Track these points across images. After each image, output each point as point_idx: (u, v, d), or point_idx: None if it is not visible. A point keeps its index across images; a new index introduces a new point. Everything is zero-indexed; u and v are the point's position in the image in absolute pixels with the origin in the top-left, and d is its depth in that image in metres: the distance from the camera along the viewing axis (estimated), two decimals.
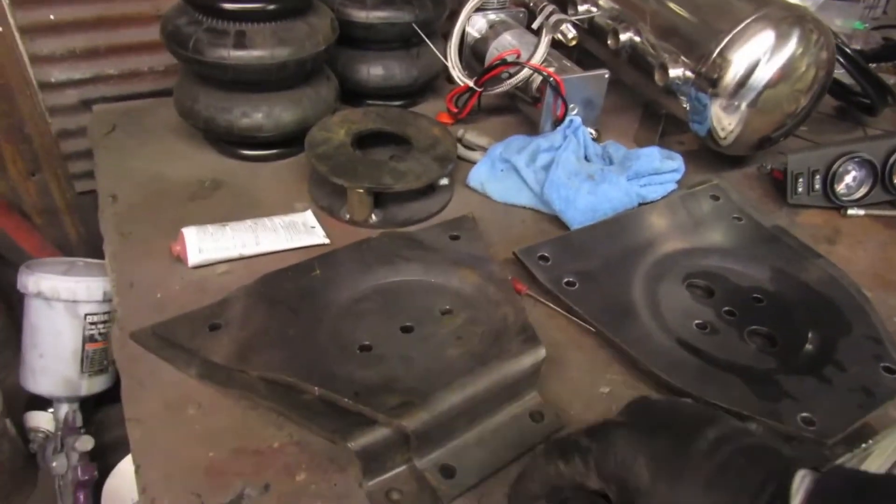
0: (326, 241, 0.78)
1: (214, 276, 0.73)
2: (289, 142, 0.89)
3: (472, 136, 0.95)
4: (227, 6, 0.79)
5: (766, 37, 0.82)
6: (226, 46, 0.79)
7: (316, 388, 0.54)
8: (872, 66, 1.20)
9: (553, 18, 0.92)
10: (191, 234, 0.72)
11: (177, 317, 0.65)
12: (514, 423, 0.57)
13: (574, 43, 0.92)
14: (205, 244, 0.72)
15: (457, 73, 0.98)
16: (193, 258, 0.72)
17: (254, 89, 0.84)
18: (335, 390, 0.54)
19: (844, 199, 0.90)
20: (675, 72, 0.87)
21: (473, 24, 1.07)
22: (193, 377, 0.61)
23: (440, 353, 0.59)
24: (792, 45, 0.82)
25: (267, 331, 0.61)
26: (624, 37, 0.95)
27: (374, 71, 0.98)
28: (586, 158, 0.90)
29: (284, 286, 0.66)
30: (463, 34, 1.03)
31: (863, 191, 0.90)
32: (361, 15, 0.93)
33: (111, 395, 1.04)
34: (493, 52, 1.02)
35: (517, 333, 0.59)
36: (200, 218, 0.78)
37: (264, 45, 0.80)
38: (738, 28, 0.83)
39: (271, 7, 0.80)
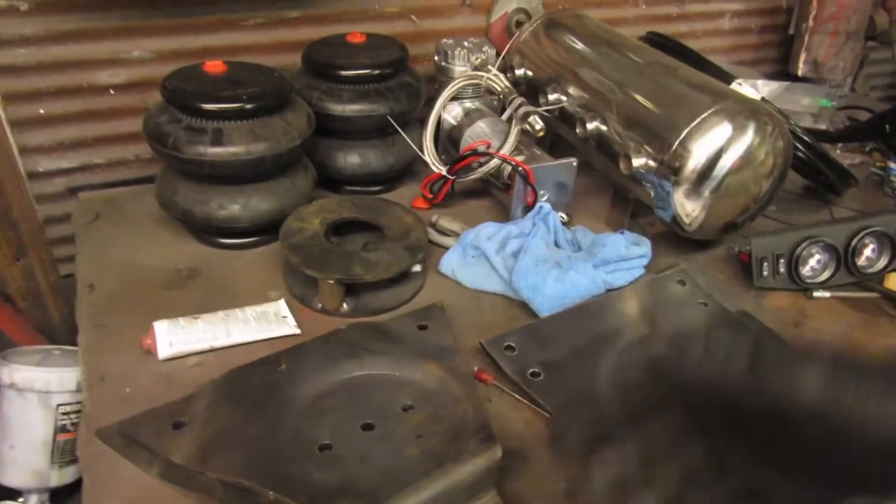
0: (297, 331, 0.79)
1: (185, 368, 0.74)
2: (265, 230, 0.92)
3: (445, 222, 0.97)
4: (206, 106, 0.83)
5: (724, 129, 0.86)
6: (203, 143, 0.82)
7: (271, 493, 0.54)
8: (839, 146, 1.24)
9: (521, 110, 0.96)
10: (161, 328, 0.74)
11: (141, 413, 0.65)
12: None
13: (542, 134, 0.96)
14: (175, 337, 0.74)
15: (431, 160, 1.01)
16: (163, 352, 0.73)
17: (231, 182, 0.87)
18: (291, 494, 0.54)
19: (809, 281, 0.91)
20: (638, 161, 0.90)
21: (450, 111, 1.11)
22: (156, 477, 0.61)
23: (399, 453, 0.59)
24: (749, 137, 0.86)
25: (229, 430, 0.61)
26: (591, 126, 0.99)
27: (351, 160, 1.02)
28: (556, 244, 0.92)
29: (250, 382, 0.67)
30: (438, 122, 1.07)
31: (827, 273, 0.92)
32: (338, 108, 0.97)
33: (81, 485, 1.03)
34: (467, 140, 1.06)
35: (475, 432, 0.60)
36: (175, 307, 0.80)
37: (241, 141, 0.83)
38: (697, 121, 0.87)
39: (249, 107, 0.84)
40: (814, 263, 0.92)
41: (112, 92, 1.04)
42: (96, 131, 1.06)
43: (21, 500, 1.00)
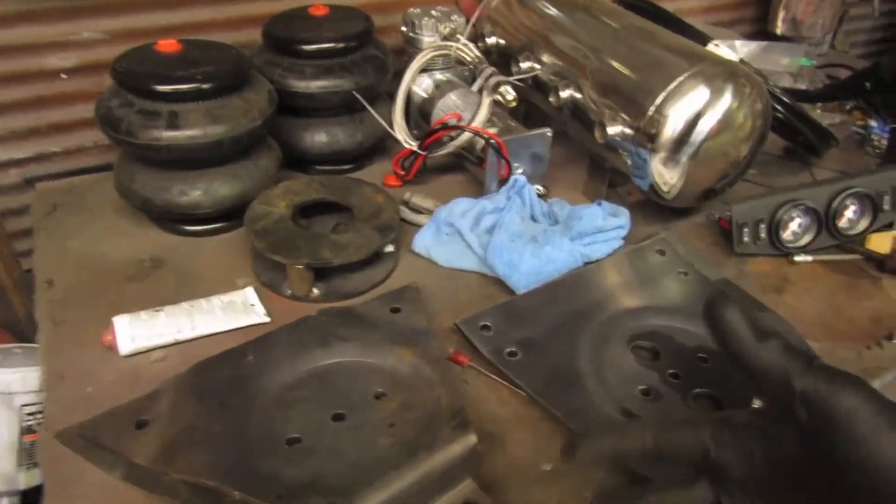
0: (266, 319, 0.77)
1: (148, 363, 0.71)
2: (230, 215, 0.88)
3: (418, 200, 0.94)
4: (160, 88, 0.79)
5: (701, 93, 0.83)
6: (158, 128, 0.78)
7: (237, 492, 0.52)
8: (818, 105, 1.22)
9: (492, 80, 0.93)
10: (122, 323, 0.71)
11: (103, 414, 0.63)
12: None
13: (514, 104, 0.93)
14: (137, 332, 0.71)
15: (401, 136, 0.98)
16: (125, 347, 0.70)
17: (190, 167, 0.83)
18: (258, 493, 0.52)
19: (790, 246, 0.90)
20: (613, 129, 0.87)
21: (419, 83, 1.07)
22: (119, 479, 0.59)
23: (371, 443, 0.57)
24: (727, 100, 0.83)
25: (194, 427, 0.59)
26: (564, 94, 0.96)
27: (318, 138, 0.98)
28: (532, 218, 0.90)
29: (216, 375, 0.64)
30: (408, 95, 1.03)
31: (808, 237, 0.90)
32: (301, 85, 0.93)
33: None
34: (438, 113, 1.02)
35: (449, 418, 0.58)
36: (138, 300, 0.77)
37: (197, 124, 0.79)
38: (673, 85, 0.84)
39: (205, 87, 0.80)
40: (795, 227, 0.90)
41: (64, 76, 0.99)
42: (50, 118, 1.01)
43: None
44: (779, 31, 1.52)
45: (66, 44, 0.97)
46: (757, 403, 0.64)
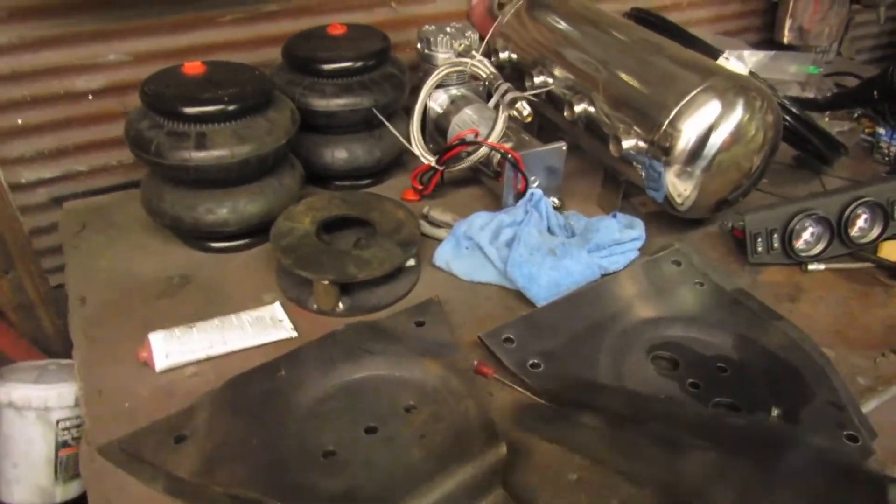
0: (294, 334, 0.79)
1: (183, 378, 0.73)
2: (255, 232, 0.91)
3: (437, 214, 0.96)
4: (188, 110, 0.81)
5: (713, 107, 0.85)
6: (187, 149, 0.81)
7: (279, 503, 0.54)
8: (827, 113, 1.24)
9: (508, 96, 0.95)
10: (157, 340, 0.73)
11: (142, 428, 0.65)
12: None
13: (529, 120, 0.95)
14: (171, 348, 0.73)
15: (419, 151, 1.00)
16: (160, 363, 0.72)
17: (217, 185, 0.86)
18: None
19: (804, 255, 0.91)
20: (628, 143, 0.89)
21: (435, 99, 1.10)
22: (161, 492, 0.61)
23: (404, 456, 0.59)
24: (738, 113, 0.85)
25: (231, 441, 0.61)
26: (578, 108, 0.98)
27: (339, 155, 1.00)
28: (549, 231, 0.92)
29: (249, 391, 0.66)
30: (425, 111, 1.05)
31: (821, 246, 0.92)
32: (322, 104, 0.95)
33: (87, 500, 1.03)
34: (454, 128, 1.04)
35: (479, 430, 0.60)
36: (169, 316, 0.79)
37: (225, 144, 0.82)
38: (686, 100, 0.86)
39: (231, 108, 0.82)
40: (807, 237, 0.92)
41: (90, 98, 1.02)
42: (77, 139, 1.04)
43: None
44: (785, 39, 1.53)
45: (93, 66, 1.00)
46: (776, 412, 0.66)
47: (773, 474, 0.45)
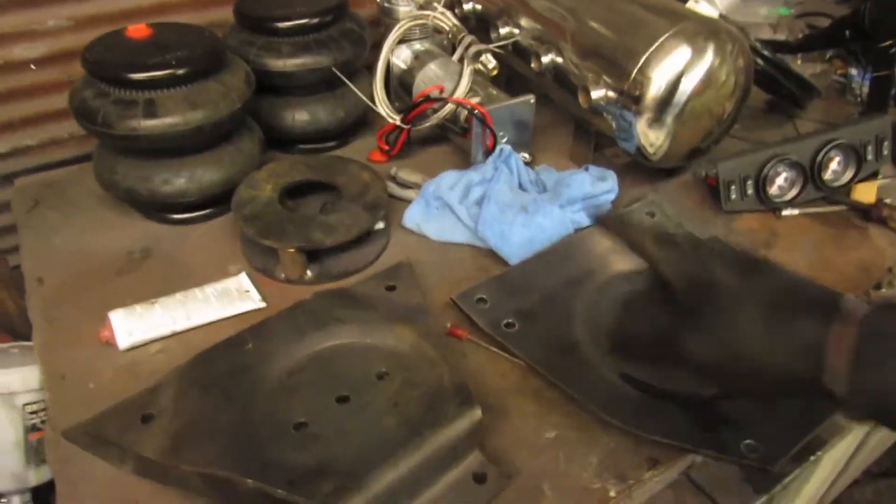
0: (262, 304, 0.76)
1: (148, 356, 0.71)
2: (217, 201, 0.87)
3: (405, 175, 0.93)
4: (134, 76, 0.77)
5: (683, 52, 0.82)
6: (136, 117, 0.76)
7: (249, 480, 0.52)
8: (799, 55, 1.22)
9: (472, 49, 0.92)
10: (118, 318, 0.70)
11: (107, 410, 0.63)
12: (458, 489, 0.56)
13: (495, 73, 0.92)
14: (134, 326, 0.71)
15: (384, 110, 0.97)
16: (123, 342, 0.70)
17: (172, 154, 0.82)
18: (269, 480, 0.52)
19: (778, 200, 0.91)
20: (597, 93, 0.87)
21: (398, 54, 1.05)
22: (130, 473, 0.59)
23: (377, 424, 0.58)
24: (709, 58, 0.83)
25: (199, 419, 0.59)
26: (546, 59, 0.95)
27: (300, 117, 0.96)
28: (520, 187, 0.90)
29: (216, 366, 0.64)
30: (388, 68, 1.02)
31: (795, 191, 0.91)
32: (278, 64, 0.91)
33: None
34: (419, 85, 1.01)
35: (453, 395, 0.58)
36: (130, 293, 0.76)
37: (176, 111, 0.77)
38: (655, 46, 0.83)
39: (181, 72, 0.78)
40: (781, 182, 0.91)
41: (33, 67, 0.96)
42: (22, 111, 0.99)
43: (4, 501, 0.98)
44: None
45: (31, 33, 0.94)
46: None
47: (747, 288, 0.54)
